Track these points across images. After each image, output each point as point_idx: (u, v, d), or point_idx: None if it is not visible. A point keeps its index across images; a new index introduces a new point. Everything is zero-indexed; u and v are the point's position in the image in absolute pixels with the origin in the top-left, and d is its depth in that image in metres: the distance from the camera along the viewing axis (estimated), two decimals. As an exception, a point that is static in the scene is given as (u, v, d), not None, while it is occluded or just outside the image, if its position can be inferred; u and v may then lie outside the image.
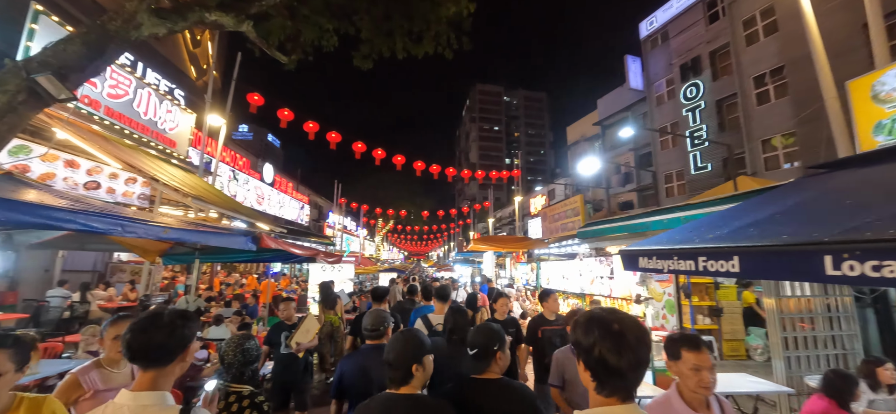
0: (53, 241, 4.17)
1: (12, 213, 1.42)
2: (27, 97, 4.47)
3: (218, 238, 2.59)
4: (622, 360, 1.03)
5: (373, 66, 9.34)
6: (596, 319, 1.10)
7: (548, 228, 12.20)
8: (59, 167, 8.00)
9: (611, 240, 8.44)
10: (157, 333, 1.32)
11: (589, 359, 1.08)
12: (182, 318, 1.41)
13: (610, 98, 26.15)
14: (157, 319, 1.37)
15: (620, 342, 1.04)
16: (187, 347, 1.40)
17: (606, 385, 1.07)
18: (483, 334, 2.01)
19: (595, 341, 1.06)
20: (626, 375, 1.04)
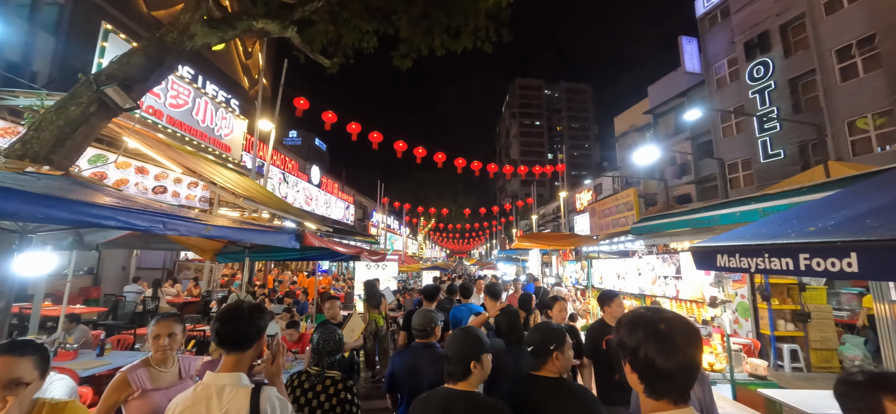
0: (121, 240, 4.45)
1: (51, 209, 1.40)
2: (98, 108, 4.85)
3: (261, 236, 2.57)
4: (670, 361, 0.99)
5: (412, 64, 9.38)
6: (641, 318, 1.06)
7: (597, 224, 11.53)
8: (130, 174, 8.71)
9: (670, 236, 7.75)
10: (240, 322, 1.53)
11: (635, 361, 1.04)
12: (258, 310, 1.60)
13: (662, 84, 24.41)
14: (238, 310, 1.57)
15: (668, 343, 1.00)
16: (262, 336, 1.60)
17: (656, 388, 1.02)
18: (540, 332, 1.99)
19: (640, 342, 1.02)
20: (675, 377, 1.00)
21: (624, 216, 9.89)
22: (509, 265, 19.86)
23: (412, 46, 8.76)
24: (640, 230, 8.39)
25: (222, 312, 1.59)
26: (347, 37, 8.76)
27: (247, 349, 1.55)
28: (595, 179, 31.56)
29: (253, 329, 1.56)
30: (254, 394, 1.47)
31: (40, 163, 4.65)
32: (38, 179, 2.13)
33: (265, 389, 1.51)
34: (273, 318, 5.86)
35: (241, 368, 1.54)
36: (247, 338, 1.55)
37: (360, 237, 20.77)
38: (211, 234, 2.09)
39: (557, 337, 1.94)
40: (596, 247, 10.99)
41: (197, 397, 1.46)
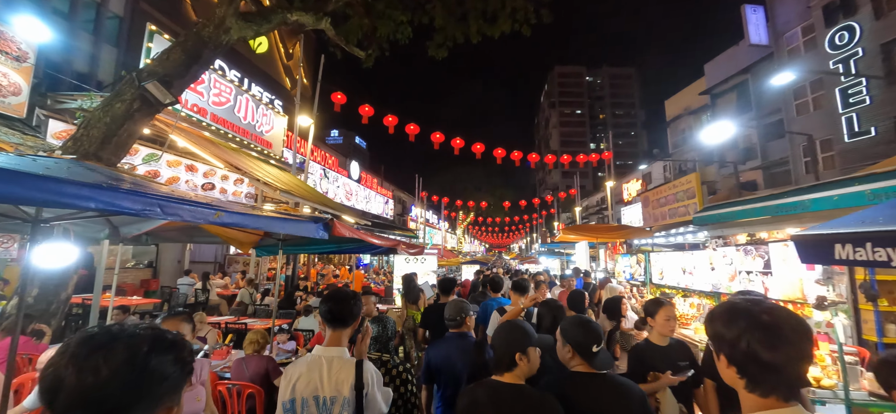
0: (163, 232, 4.50)
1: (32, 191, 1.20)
2: (140, 104, 4.94)
3: (282, 224, 2.35)
4: (778, 353, 0.90)
5: (448, 54, 9.04)
6: (740, 308, 0.98)
7: (650, 215, 10.57)
8: (181, 171, 9.08)
9: (743, 226, 6.84)
10: (344, 304, 1.85)
11: (735, 353, 0.96)
12: (356, 296, 1.93)
13: (721, 61, 22.24)
14: (343, 294, 1.90)
15: (774, 333, 0.91)
16: (358, 318, 1.91)
17: (761, 383, 0.94)
18: (595, 326, 1.95)
19: (741, 332, 0.94)
20: (782, 370, 0.91)
21: (683, 205, 8.93)
22: (552, 259, 19.03)
23: (448, 35, 8.47)
24: (704, 220, 7.49)
25: (331, 294, 1.93)
26: (382, 28, 8.61)
27: (347, 326, 1.86)
28: (644, 167, 29.54)
29: (354, 310, 1.88)
30: (358, 366, 1.76)
31: (90, 159, 4.81)
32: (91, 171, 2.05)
33: (366, 362, 1.79)
34: (311, 313, 5.79)
35: (344, 343, 1.85)
36: (349, 317, 1.86)
37: (399, 231, 20.85)
38: (220, 220, 1.89)
39: (598, 335, 1.89)
40: (650, 239, 10.09)
41: (311, 366, 1.76)
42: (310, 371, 1.74)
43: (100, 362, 0.67)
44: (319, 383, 1.72)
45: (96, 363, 0.66)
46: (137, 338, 0.73)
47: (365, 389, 1.73)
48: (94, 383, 0.65)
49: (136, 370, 0.69)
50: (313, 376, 1.73)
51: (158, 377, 0.72)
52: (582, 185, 61.19)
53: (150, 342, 0.73)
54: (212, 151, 6.57)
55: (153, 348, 0.73)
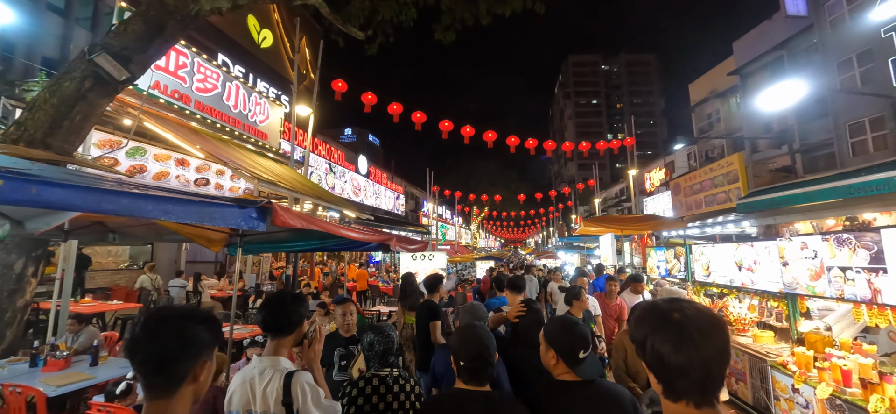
0: (123, 228, 3.84)
1: None
2: (94, 83, 4.28)
3: (177, 209, 1.61)
4: (681, 355, 0.86)
5: (456, 38, 8.48)
6: (650, 308, 0.96)
7: (682, 203, 9.52)
8: (171, 166, 8.52)
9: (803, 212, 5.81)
10: (280, 310, 1.72)
11: (645, 355, 0.93)
12: (297, 300, 1.79)
13: (752, 38, 20.63)
14: (279, 299, 1.77)
15: (678, 334, 0.87)
16: (301, 324, 1.77)
17: (672, 387, 0.90)
18: (584, 330, 1.78)
19: (647, 333, 0.93)
20: (688, 372, 0.86)
21: (723, 191, 7.88)
22: (570, 254, 18.00)
23: (455, 16, 7.88)
24: (751, 207, 6.47)
25: (266, 299, 1.80)
26: (384, 11, 8.05)
27: (286, 335, 1.72)
28: (678, 149, 27.97)
29: (292, 317, 1.73)
30: (287, 378, 1.59)
31: (37, 146, 4.19)
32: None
33: (298, 374, 1.61)
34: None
35: (281, 352, 1.71)
36: (286, 325, 1.72)
37: (411, 227, 20.16)
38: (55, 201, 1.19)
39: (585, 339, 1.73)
40: (681, 231, 9.05)
41: (245, 377, 1.65)
42: (243, 384, 1.63)
43: (161, 330, 1.01)
44: (251, 397, 1.60)
45: (158, 330, 1.01)
46: (184, 315, 1.07)
47: (294, 404, 1.56)
48: (157, 344, 1.00)
49: (182, 336, 1.02)
50: (246, 389, 1.61)
51: (197, 341, 1.04)
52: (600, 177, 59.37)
53: (191, 317, 1.07)
54: (192, 141, 5.93)
55: (193, 321, 1.05)
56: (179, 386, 1.02)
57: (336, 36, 9.45)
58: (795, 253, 3.56)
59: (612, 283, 4.58)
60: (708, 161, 20.79)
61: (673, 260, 6.01)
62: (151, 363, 1.00)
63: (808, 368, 3.14)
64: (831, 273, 3.08)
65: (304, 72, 21.08)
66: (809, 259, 3.36)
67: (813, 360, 3.16)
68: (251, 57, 17.28)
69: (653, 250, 6.82)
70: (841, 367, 2.85)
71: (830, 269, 3.11)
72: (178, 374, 1.01)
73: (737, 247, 4.72)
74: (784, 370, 3.34)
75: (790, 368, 3.29)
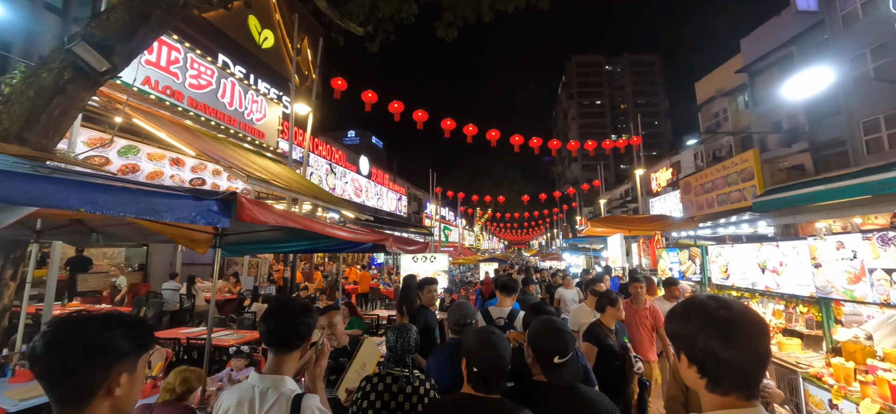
0: (105, 229, 3.61)
1: None
2: (73, 74, 4.04)
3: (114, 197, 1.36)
4: (734, 350, 0.88)
5: (457, 35, 8.35)
6: (696, 304, 0.98)
7: (692, 203, 9.19)
8: (165, 165, 8.32)
9: (826, 211, 5.48)
10: (286, 321, 1.49)
11: (693, 351, 0.94)
12: (307, 309, 1.55)
13: (761, 34, 20.26)
14: (285, 307, 1.53)
15: (730, 329, 0.89)
16: (309, 338, 1.55)
17: (720, 382, 0.91)
18: (566, 337, 1.72)
19: (697, 330, 0.93)
20: (740, 367, 0.89)
21: (737, 189, 7.54)
22: (576, 255, 17.65)
23: (457, 13, 7.71)
24: (768, 205, 6.14)
25: (269, 308, 1.57)
26: (384, 7, 7.91)
27: (292, 350, 1.51)
28: (676, 154, 27.57)
29: (300, 329, 1.51)
30: (295, 403, 1.39)
31: (12, 141, 3.97)
32: None
33: (307, 399, 1.42)
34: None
35: (287, 370, 1.49)
36: (294, 338, 1.51)
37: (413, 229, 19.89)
38: None
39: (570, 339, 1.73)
40: (692, 231, 8.72)
41: (241, 398, 1.43)
42: (240, 406, 1.43)
43: (63, 337, 0.88)
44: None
45: (61, 337, 0.88)
46: (94, 319, 0.93)
47: None
48: (59, 353, 0.87)
49: (89, 344, 0.89)
50: (241, 411, 1.41)
51: (109, 349, 0.91)
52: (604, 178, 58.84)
53: (103, 322, 0.93)
54: (183, 138, 5.69)
55: (105, 327, 0.91)
56: (89, 401, 0.89)
57: (336, 34, 9.27)
58: (830, 253, 3.25)
59: (637, 285, 4.10)
60: (715, 161, 20.38)
61: (687, 261, 5.69)
62: (52, 375, 0.89)
63: (848, 381, 2.84)
64: (874, 275, 2.77)
65: (306, 72, 20.93)
66: (847, 260, 3.05)
67: (853, 372, 2.86)
68: (252, 57, 17.13)
69: (664, 251, 6.49)
70: (889, 381, 2.55)
71: (873, 271, 2.80)
72: (84, 386, 0.89)
73: (760, 247, 4.39)
74: (819, 383, 3.03)
75: (826, 381, 2.98)
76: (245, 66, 16.01)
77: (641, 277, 4.12)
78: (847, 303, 3.21)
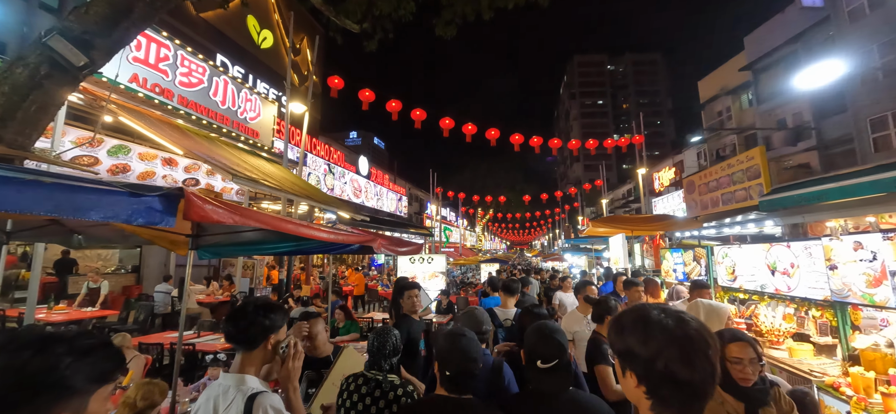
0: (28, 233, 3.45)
1: None
2: (50, 70, 3.88)
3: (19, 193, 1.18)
4: (695, 371, 0.82)
5: (456, 33, 8.25)
6: (654, 321, 0.88)
7: (697, 202, 8.97)
8: (157, 166, 8.17)
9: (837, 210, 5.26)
10: (241, 321, 1.49)
11: (650, 373, 0.86)
12: (264, 309, 1.53)
13: (765, 32, 19.99)
14: (242, 308, 1.54)
15: (689, 348, 0.83)
16: (268, 337, 1.52)
17: (671, 404, 0.86)
18: (553, 342, 1.66)
19: (659, 350, 0.85)
20: (697, 387, 0.83)
21: (743, 188, 7.32)
22: (578, 256, 17.43)
23: (456, 10, 7.60)
24: (775, 204, 5.92)
25: (230, 310, 1.62)
26: (382, 5, 7.81)
27: (252, 349, 1.51)
28: (680, 151, 27.27)
29: (255, 328, 1.50)
30: (248, 402, 1.39)
31: (-15, 140, 3.84)
32: None
33: (262, 397, 1.40)
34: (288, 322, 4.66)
35: (248, 369, 1.50)
36: (250, 337, 1.50)
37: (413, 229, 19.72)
38: None
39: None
40: (696, 231, 8.50)
41: (209, 396, 1.47)
42: (208, 402, 1.45)
43: None
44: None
45: None
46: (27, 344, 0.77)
47: None
48: None
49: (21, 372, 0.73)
50: (209, 408, 1.43)
51: (46, 381, 0.76)
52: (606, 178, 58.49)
53: (36, 347, 0.77)
54: (171, 137, 5.52)
55: (38, 353, 0.76)
56: None
57: (334, 33, 9.14)
58: (847, 254, 3.05)
59: (636, 290, 3.75)
60: (719, 160, 20.09)
61: (692, 263, 5.48)
62: None
63: (869, 392, 2.64)
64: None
65: (306, 73, 20.81)
66: (866, 262, 2.85)
67: (874, 382, 2.66)
68: (251, 58, 17.04)
69: (668, 252, 6.29)
70: (914, 394, 2.36)
71: (895, 273, 2.60)
72: None
73: (769, 248, 4.19)
74: (836, 393, 2.83)
75: (844, 392, 2.78)
76: (244, 66, 15.90)
77: (640, 280, 3.81)
78: (868, 307, 3.01)
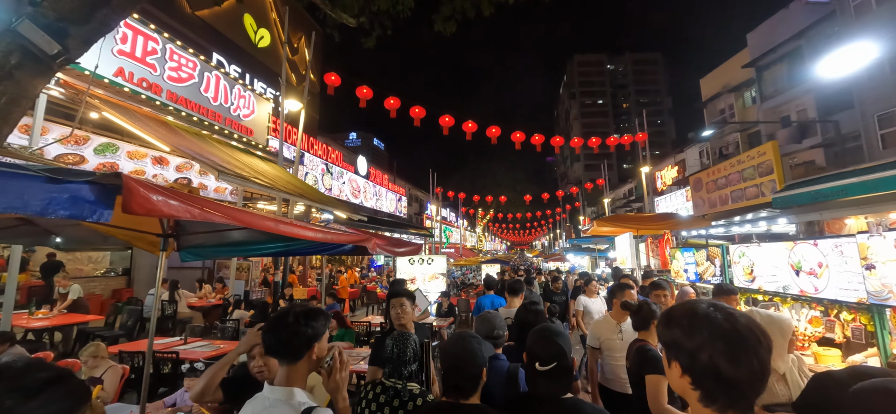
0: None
1: None
2: (22, 59, 3.60)
3: None
4: (740, 368, 0.82)
5: (456, 29, 8.08)
6: (701, 313, 0.89)
7: (705, 200, 8.71)
8: (147, 164, 7.92)
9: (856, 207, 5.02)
10: (281, 331, 1.40)
11: (693, 364, 0.88)
12: (305, 316, 1.45)
13: (768, 28, 19.77)
14: (281, 316, 1.45)
15: (737, 345, 0.83)
16: (312, 346, 1.44)
17: (716, 398, 0.86)
18: (552, 345, 1.61)
19: (703, 342, 0.86)
20: (742, 385, 0.83)
21: (754, 185, 7.06)
22: (580, 256, 17.16)
23: (455, 6, 7.43)
24: (790, 201, 5.67)
25: (269, 319, 1.53)
26: (380, 1, 7.65)
27: (296, 360, 1.43)
28: (688, 147, 27.00)
29: (298, 339, 1.42)
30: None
31: (-50, 135, 3.59)
32: None
33: (316, 412, 1.34)
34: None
35: (296, 382, 1.41)
36: (292, 348, 1.41)
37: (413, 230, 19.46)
38: None
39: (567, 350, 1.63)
40: (703, 231, 8.24)
41: (252, 411, 1.40)
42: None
43: None
44: None
45: None
46: None
47: None
48: None
49: None
50: None
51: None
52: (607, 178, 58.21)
53: None
54: (159, 134, 5.27)
55: None
56: None
57: (332, 29, 8.94)
58: (887, 252, 2.79)
59: (660, 293, 3.37)
60: (722, 158, 19.84)
61: (705, 262, 5.21)
62: None
63: (915, 405, 2.38)
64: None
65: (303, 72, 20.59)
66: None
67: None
68: (248, 57, 16.83)
69: (679, 251, 6.02)
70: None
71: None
72: None
73: (793, 246, 3.93)
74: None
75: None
76: (240, 64, 15.68)
77: (664, 282, 3.49)
78: None
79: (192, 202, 1.53)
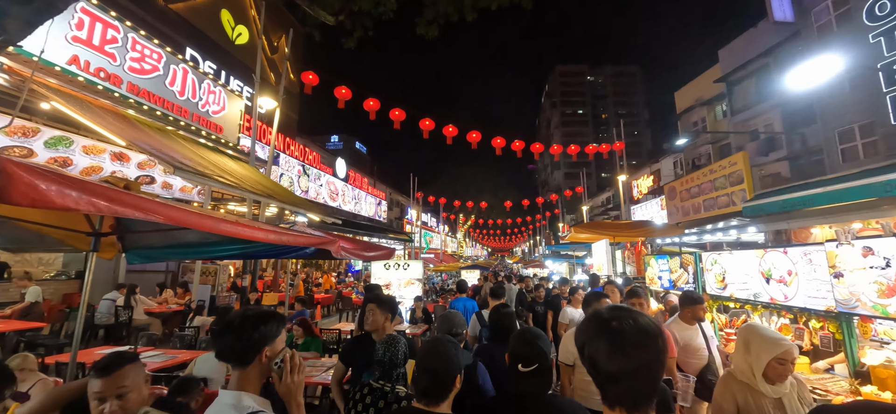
0: None
1: None
2: (-48, 40, 3.37)
3: None
4: (612, 363, 0.88)
5: (438, 33, 8.10)
6: (595, 315, 0.97)
7: (678, 209, 8.88)
8: (105, 160, 7.44)
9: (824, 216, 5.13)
10: (227, 336, 1.37)
11: (584, 361, 0.97)
12: (253, 319, 1.40)
13: (738, 45, 20.58)
14: (228, 321, 1.41)
15: (614, 342, 0.89)
16: (261, 350, 1.39)
17: (606, 393, 0.93)
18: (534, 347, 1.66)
19: (585, 340, 0.95)
20: (620, 380, 0.89)
21: (725, 194, 7.23)
22: (559, 263, 17.29)
23: (438, 9, 7.44)
24: (759, 210, 5.80)
25: (217, 323, 1.56)
26: (362, 2, 7.58)
27: (245, 365, 1.38)
28: (666, 156, 27.71)
29: (243, 343, 1.37)
30: None
31: None
32: None
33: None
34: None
35: (246, 386, 1.37)
36: (239, 353, 1.37)
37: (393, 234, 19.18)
38: None
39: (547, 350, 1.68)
40: (676, 238, 8.38)
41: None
42: None
43: None
44: None
45: None
46: None
47: None
48: None
49: None
50: None
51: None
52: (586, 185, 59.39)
53: None
54: (113, 127, 4.92)
55: None
56: None
57: (311, 29, 8.73)
58: (855, 261, 2.82)
59: (637, 301, 3.20)
60: (694, 169, 20.45)
61: (678, 270, 5.26)
62: None
63: (882, 414, 2.38)
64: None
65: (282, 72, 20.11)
66: (878, 270, 2.62)
67: (887, 403, 2.41)
68: (224, 54, 16.29)
69: (653, 259, 6.07)
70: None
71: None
72: None
73: (763, 254, 3.97)
74: (843, 414, 2.57)
75: None
76: (216, 61, 15.15)
77: (641, 290, 3.38)
78: (882, 320, 2.77)
79: (94, 193, 1.32)
